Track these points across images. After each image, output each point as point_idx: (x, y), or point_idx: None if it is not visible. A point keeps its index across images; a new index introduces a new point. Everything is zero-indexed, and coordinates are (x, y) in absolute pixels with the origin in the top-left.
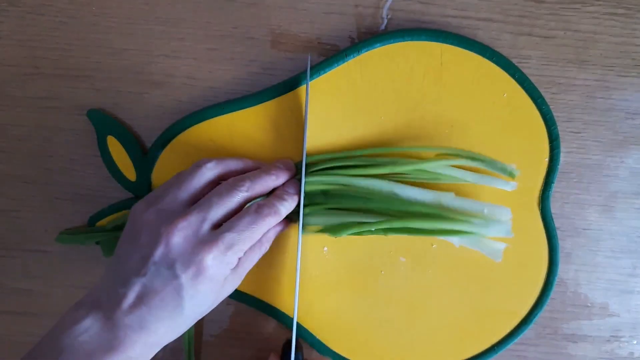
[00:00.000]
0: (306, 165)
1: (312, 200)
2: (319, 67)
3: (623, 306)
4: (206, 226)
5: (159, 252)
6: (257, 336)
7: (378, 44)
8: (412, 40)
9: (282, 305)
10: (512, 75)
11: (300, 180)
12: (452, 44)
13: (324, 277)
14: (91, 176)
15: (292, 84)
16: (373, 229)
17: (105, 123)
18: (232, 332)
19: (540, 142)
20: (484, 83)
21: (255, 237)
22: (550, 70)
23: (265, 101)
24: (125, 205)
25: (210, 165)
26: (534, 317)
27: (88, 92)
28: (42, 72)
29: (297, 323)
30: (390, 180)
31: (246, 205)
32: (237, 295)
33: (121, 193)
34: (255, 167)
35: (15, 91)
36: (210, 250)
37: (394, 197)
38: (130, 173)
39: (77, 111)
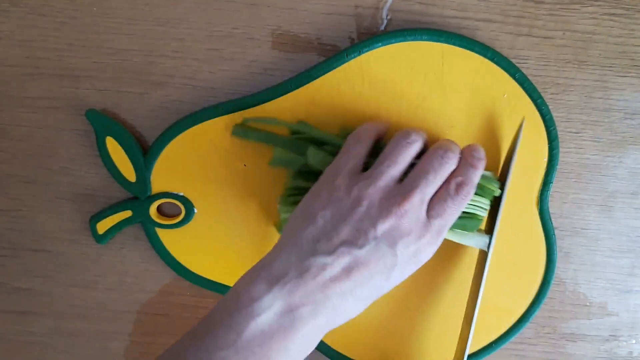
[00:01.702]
0: None
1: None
2: (319, 68)
3: (622, 306)
4: (424, 207)
5: (383, 228)
6: None
7: (379, 44)
8: (413, 40)
9: None
10: (513, 76)
11: None
12: (453, 44)
13: None
14: (91, 176)
15: (292, 84)
16: None
17: (104, 124)
18: None
19: (540, 143)
20: (484, 83)
21: (455, 219)
22: (549, 70)
23: (265, 102)
24: (126, 205)
25: (417, 139)
26: (531, 316)
27: (88, 92)
28: (42, 72)
29: None
30: None
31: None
32: None
33: (122, 193)
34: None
35: (16, 91)
36: (428, 235)
37: None
38: (129, 174)
39: (77, 111)
